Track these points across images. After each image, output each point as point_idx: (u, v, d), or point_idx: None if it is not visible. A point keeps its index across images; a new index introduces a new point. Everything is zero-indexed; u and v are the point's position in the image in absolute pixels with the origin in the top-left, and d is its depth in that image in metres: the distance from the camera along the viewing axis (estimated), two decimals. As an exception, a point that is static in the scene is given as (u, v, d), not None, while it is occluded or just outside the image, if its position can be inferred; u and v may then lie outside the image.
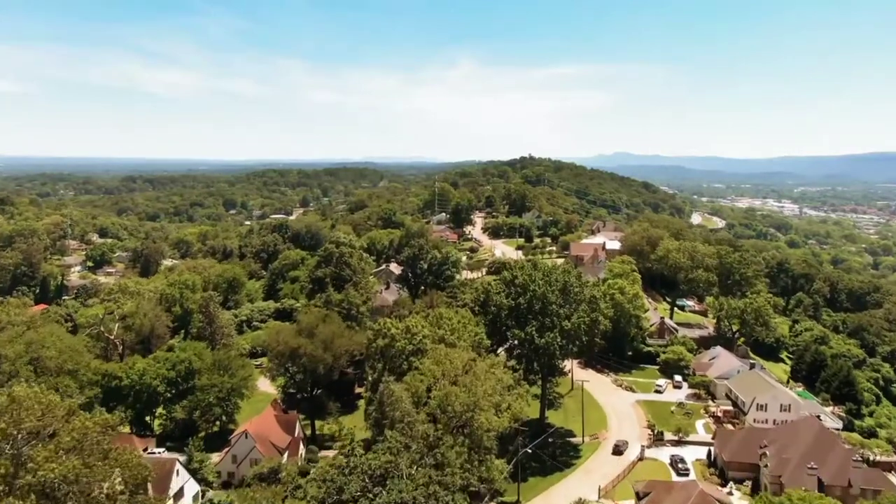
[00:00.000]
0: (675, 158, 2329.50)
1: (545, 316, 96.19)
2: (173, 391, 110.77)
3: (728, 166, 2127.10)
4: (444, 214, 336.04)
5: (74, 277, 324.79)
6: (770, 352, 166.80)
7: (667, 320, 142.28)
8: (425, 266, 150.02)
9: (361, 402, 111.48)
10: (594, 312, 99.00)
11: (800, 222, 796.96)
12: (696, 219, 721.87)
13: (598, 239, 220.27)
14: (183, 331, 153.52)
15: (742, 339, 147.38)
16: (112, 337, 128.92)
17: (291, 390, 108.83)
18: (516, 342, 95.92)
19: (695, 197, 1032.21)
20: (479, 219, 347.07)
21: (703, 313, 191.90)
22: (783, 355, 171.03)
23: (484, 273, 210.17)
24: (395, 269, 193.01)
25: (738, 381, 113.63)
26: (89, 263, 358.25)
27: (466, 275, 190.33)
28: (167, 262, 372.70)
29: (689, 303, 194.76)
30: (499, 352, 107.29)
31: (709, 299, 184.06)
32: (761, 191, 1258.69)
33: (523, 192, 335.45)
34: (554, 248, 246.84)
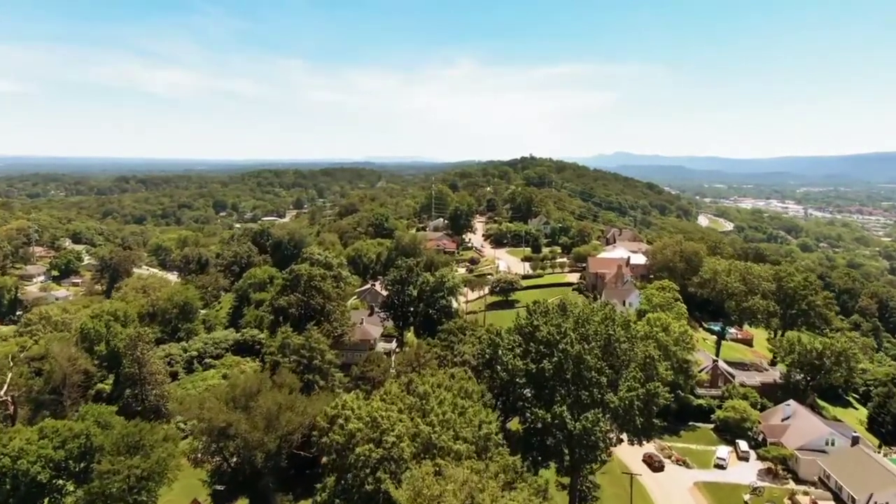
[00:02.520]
0: (675, 158, 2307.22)
1: (581, 387, 66.08)
2: (64, 477, 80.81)
3: (729, 166, 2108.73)
4: (441, 220, 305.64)
5: (34, 289, 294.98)
6: (834, 394, 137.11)
7: (721, 364, 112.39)
8: (415, 293, 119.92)
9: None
10: (651, 382, 68.85)
11: (808, 224, 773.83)
12: (702, 221, 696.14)
13: (618, 252, 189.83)
14: (114, 374, 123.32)
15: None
16: (1, 393, 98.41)
17: (218, 487, 78.37)
18: (539, 426, 65.56)
19: (697, 198, 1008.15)
20: (479, 224, 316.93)
21: (748, 342, 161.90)
22: (849, 397, 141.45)
23: (486, 291, 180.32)
24: (381, 288, 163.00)
25: (839, 463, 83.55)
26: (54, 273, 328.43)
27: (465, 295, 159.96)
28: (143, 271, 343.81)
29: (731, 329, 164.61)
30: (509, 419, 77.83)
31: (755, 329, 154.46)
32: (763, 191, 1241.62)
33: (529, 196, 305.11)
34: (566, 261, 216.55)
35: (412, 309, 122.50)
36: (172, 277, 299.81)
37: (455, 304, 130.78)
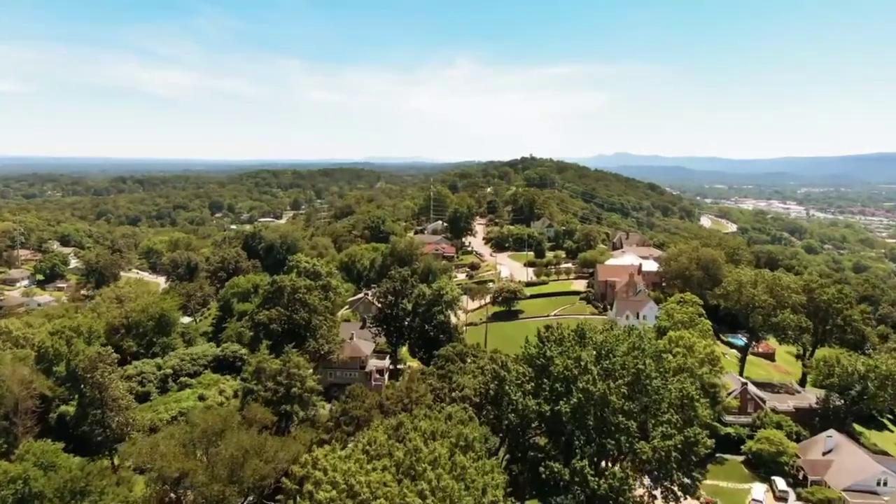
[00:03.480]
0: (675, 159, 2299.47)
1: (606, 434, 54.64)
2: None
3: (729, 167, 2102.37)
4: (439, 222, 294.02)
5: (16, 294, 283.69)
6: (867, 415, 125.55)
7: (751, 387, 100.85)
8: (409, 307, 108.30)
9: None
10: (690, 426, 57.31)
11: (811, 225, 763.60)
12: (705, 222, 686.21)
13: (628, 258, 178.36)
14: (77, 397, 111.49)
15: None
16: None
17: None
18: (553, 482, 54.02)
19: (698, 198, 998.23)
20: (480, 226, 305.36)
21: (769, 356, 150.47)
22: (883, 418, 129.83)
23: (488, 301, 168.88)
24: (374, 298, 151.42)
25: (901, 513, 72.02)
26: (39, 277, 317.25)
27: (464, 308, 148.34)
28: (132, 275, 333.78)
29: (746, 340, 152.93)
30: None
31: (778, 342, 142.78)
32: (764, 192, 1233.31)
33: (532, 198, 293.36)
34: (571, 266, 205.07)
35: (407, 323, 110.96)
36: (162, 282, 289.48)
37: (454, 319, 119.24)
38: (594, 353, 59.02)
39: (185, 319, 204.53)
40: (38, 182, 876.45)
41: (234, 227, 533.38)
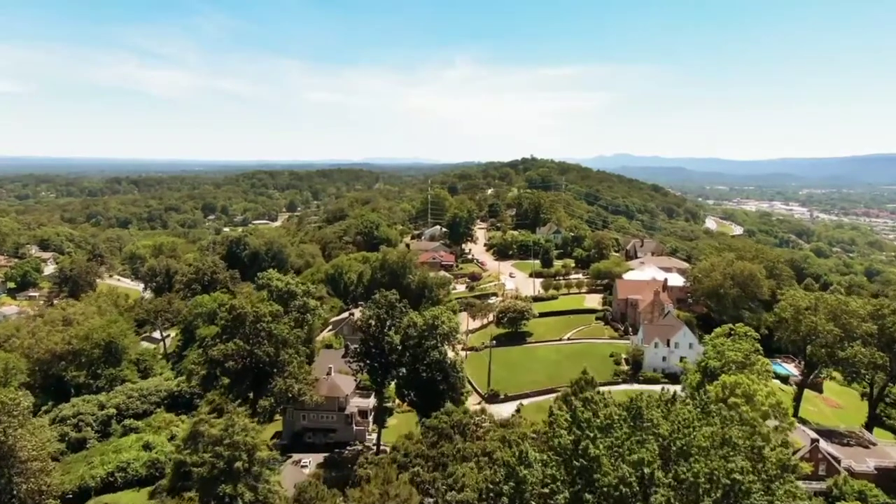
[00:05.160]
0: (675, 160, 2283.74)
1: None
2: None
3: (729, 168, 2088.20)
4: (438, 227, 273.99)
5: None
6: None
7: (823, 445, 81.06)
8: (397, 340, 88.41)
9: None
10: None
11: (818, 227, 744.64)
12: (710, 224, 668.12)
13: (649, 271, 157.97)
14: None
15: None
16: None
17: None
18: None
19: (700, 199, 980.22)
20: (480, 231, 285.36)
21: (815, 387, 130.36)
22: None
23: (491, 319, 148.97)
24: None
25: None
26: (10, 285, 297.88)
27: (462, 340, 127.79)
28: (113, 282, 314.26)
29: (789, 367, 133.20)
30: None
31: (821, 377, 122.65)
32: (766, 193, 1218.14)
33: (537, 201, 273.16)
34: (583, 278, 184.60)
35: (394, 358, 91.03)
36: (142, 290, 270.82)
37: (451, 353, 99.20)
38: (658, 447, 39.22)
39: (156, 335, 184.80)
40: (32, 183, 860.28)
41: (226, 229, 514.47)
